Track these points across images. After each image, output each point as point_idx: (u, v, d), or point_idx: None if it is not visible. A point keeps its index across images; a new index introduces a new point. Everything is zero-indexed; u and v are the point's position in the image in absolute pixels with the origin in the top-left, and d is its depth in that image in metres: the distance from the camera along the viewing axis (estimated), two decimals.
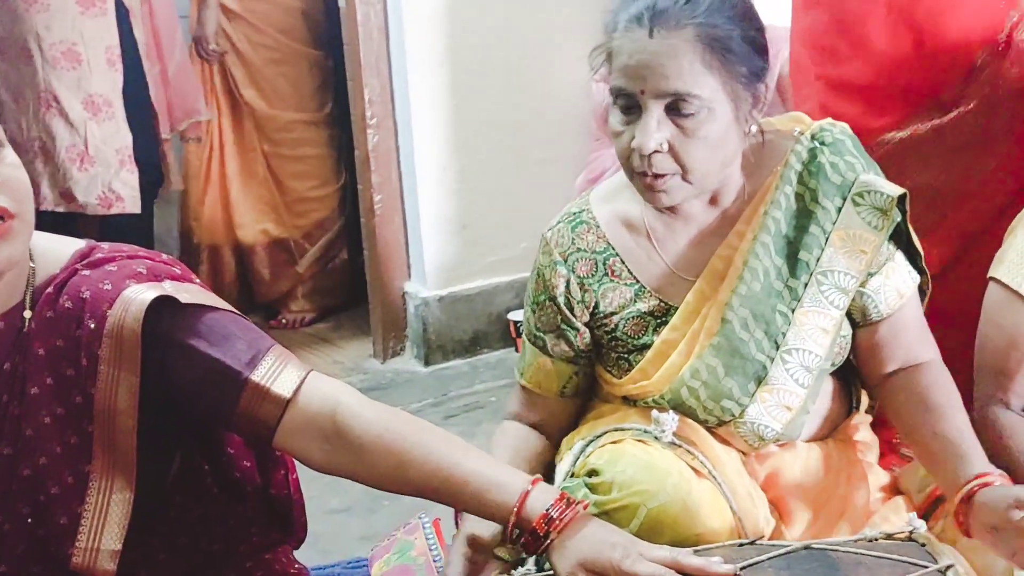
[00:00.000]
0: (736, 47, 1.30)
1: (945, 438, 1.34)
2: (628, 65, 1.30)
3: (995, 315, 1.50)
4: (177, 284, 1.21)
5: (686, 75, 1.28)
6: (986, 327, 1.51)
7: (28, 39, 3.02)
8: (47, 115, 3.04)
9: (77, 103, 3.04)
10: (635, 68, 1.30)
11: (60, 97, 3.03)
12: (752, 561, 1.10)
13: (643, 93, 1.30)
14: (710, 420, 1.41)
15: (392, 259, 3.15)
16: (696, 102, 1.29)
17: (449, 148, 3.06)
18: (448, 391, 2.96)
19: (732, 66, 1.30)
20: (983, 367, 1.52)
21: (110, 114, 3.09)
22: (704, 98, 1.29)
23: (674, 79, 1.28)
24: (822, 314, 1.40)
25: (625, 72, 1.31)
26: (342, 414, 1.19)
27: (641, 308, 1.43)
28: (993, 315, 1.50)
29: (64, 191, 3.07)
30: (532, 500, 1.15)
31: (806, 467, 1.43)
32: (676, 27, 1.28)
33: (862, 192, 1.40)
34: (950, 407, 1.38)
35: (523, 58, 3.09)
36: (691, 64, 1.28)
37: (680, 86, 1.28)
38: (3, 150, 1.13)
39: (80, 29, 3.03)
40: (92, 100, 3.07)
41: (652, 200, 1.37)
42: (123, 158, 3.12)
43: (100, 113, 3.09)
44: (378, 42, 2.98)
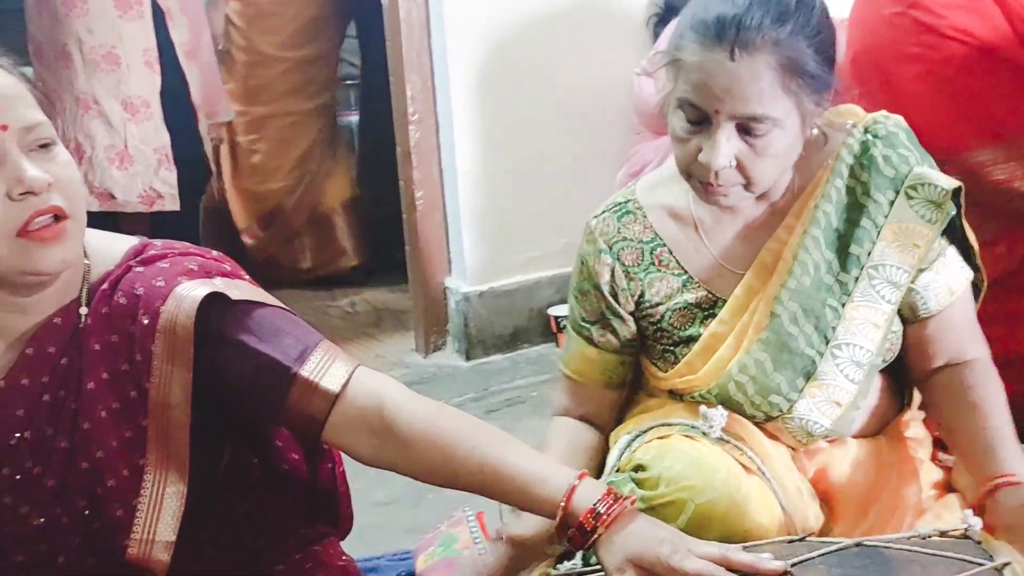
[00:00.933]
0: (813, 68, 1.28)
1: (980, 436, 1.34)
2: (704, 83, 1.27)
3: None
4: (228, 281, 1.22)
5: (765, 99, 1.26)
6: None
7: (68, 43, 3.08)
8: (86, 117, 3.10)
9: (117, 105, 3.10)
10: (712, 89, 1.26)
11: (100, 99, 3.09)
12: (803, 558, 1.09)
13: (717, 113, 1.27)
14: (758, 415, 1.40)
15: (433, 254, 3.15)
16: (769, 122, 1.27)
17: (490, 143, 3.05)
18: (489, 386, 2.95)
19: (808, 86, 1.29)
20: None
21: (148, 115, 3.15)
22: (779, 119, 1.27)
23: (753, 103, 1.26)
24: (873, 308, 1.39)
25: (700, 89, 1.28)
26: (389, 408, 1.19)
27: (688, 299, 1.43)
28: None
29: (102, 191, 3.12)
30: (579, 494, 1.14)
31: (856, 463, 1.42)
32: (759, 50, 1.25)
33: (916, 185, 1.38)
34: (990, 405, 1.37)
35: (564, 52, 3.08)
36: (771, 88, 1.26)
37: (758, 109, 1.26)
38: (55, 148, 1.14)
39: (119, 32, 3.08)
40: (131, 101, 3.13)
41: (710, 201, 1.37)
42: (161, 157, 3.17)
43: (138, 114, 3.15)
44: (419, 38, 2.97)
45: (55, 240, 1.11)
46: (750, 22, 1.25)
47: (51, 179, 1.10)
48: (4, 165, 1.09)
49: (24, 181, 1.09)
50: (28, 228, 1.10)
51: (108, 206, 3.13)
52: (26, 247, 1.10)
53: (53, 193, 1.11)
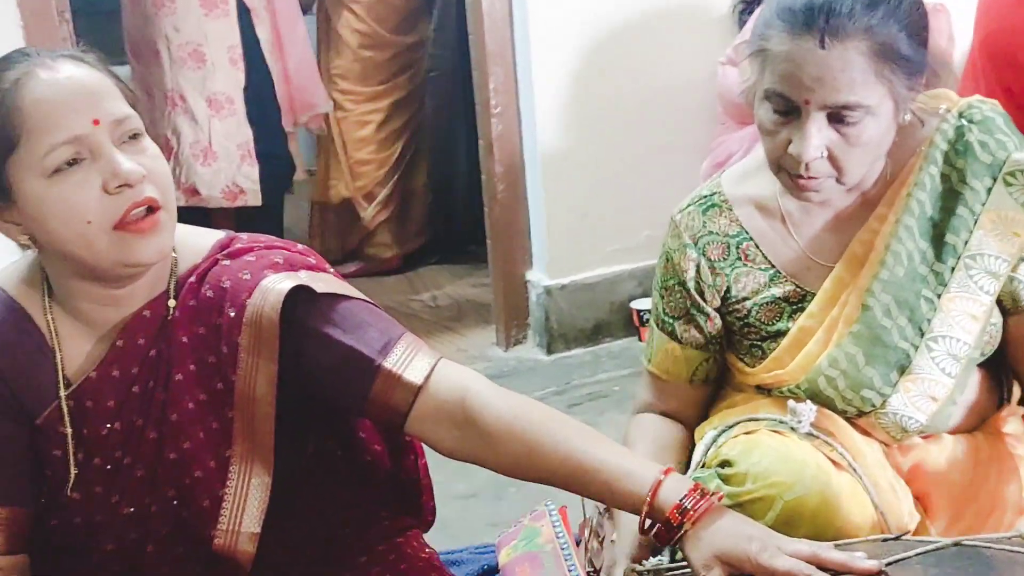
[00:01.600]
0: (906, 51, 1.24)
1: None
2: (793, 73, 1.24)
3: None
4: (312, 274, 1.23)
5: (858, 87, 1.22)
6: None
7: (158, 41, 3.17)
8: (173, 113, 3.18)
9: (202, 101, 3.18)
10: (802, 78, 1.23)
11: (186, 96, 3.17)
12: (898, 557, 1.06)
13: (807, 103, 1.24)
14: (849, 411, 1.37)
15: (514, 247, 3.15)
16: (862, 111, 1.24)
17: (571, 135, 3.04)
18: (571, 380, 2.94)
19: (901, 71, 1.25)
20: None
21: (232, 111, 3.22)
22: (871, 107, 1.24)
23: (845, 92, 1.22)
24: (971, 300, 1.34)
25: (789, 80, 1.24)
26: (472, 401, 1.19)
27: (775, 293, 1.40)
28: None
29: (188, 186, 3.20)
30: (665, 490, 1.13)
31: (953, 460, 1.37)
32: (850, 37, 1.21)
33: (1015, 171, 1.34)
34: None
35: (645, 43, 3.04)
36: (864, 76, 1.22)
37: (851, 98, 1.23)
38: (144, 140, 1.16)
39: (204, 30, 3.16)
40: (215, 98, 3.20)
41: (800, 197, 1.34)
42: (244, 153, 3.24)
43: (223, 110, 3.22)
44: (502, 30, 2.96)
45: (151, 231, 1.13)
46: (840, 8, 1.22)
47: (145, 171, 1.13)
48: (99, 159, 1.11)
49: (120, 174, 1.11)
50: (125, 221, 1.12)
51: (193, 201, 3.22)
52: (124, 239, 1.12)
53: (146, 185, 1.13)
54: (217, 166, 3.20)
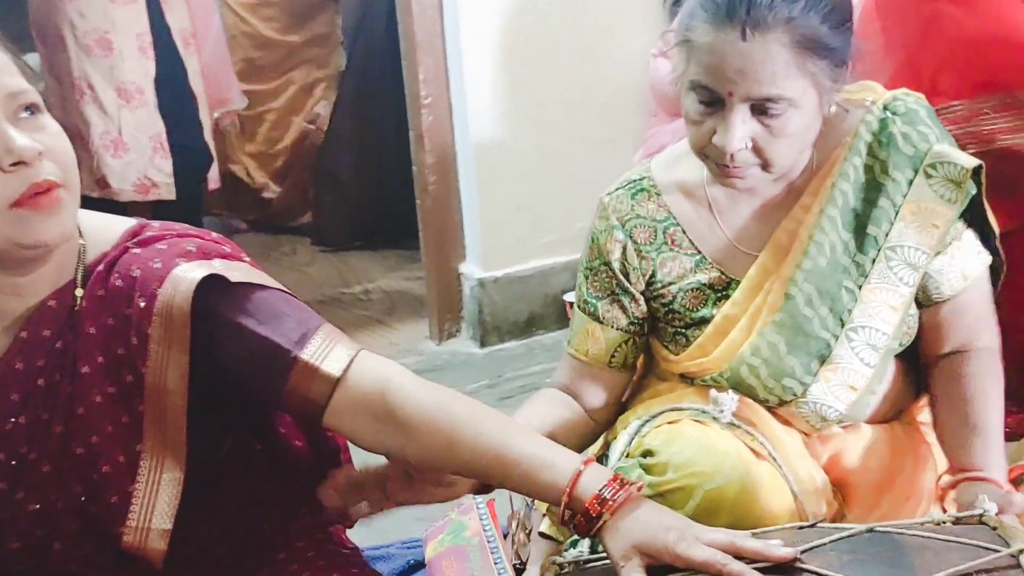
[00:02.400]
0: (828, 42, 1.25)
1: (962, 427, 1.33)
2: (716, 65, 1.24)
3: None
4: (227, 262, 1.20)
5: (780, 79, 1.22)
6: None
7: (63, 27, 3.06)
8: (82, 102, 3.08)
9: (111, 90, 3.08)
10: (725, 70, 1.23)
11: (94, 85, 3.08)
12: (813, 544, 1.06)
13: (731, 95, 1.24)
14: (771, 400, 1.38)
15: (447, 240, 3.14)
16: (784, 103, 1.24)
17: (504, 127, 3.03)
18: (504, 373, 2.94)
19: (824, 63, 1.25)
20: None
21: (142, 101, 3.12)
22: (794, 99, 1.24)
23: (767, 84, 1.22)
24: (891, 291, 1.36)
25: (712, 72, 1.24)
26: (393, 393, 1.17)
27: (701, 279, 1.40)
28: None
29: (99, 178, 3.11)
30: (584, 480, 1.12)
31: (870, 449, 1.40)
32: (771, 29, 1.21)
33: (935, 163, 1.35)
34: (981, 398, 1.35)
35: (579, 34, 3.04)
36: (786, 68, 1.22)
37: (772, 91, 1.23)
38: (43, 117, 1.11)
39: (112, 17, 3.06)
40: (124, 88, 3.10)
41: (726, 184, 1.34)
42: (156, 145, 3.15)
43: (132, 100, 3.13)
44: (432, 20, 2.95)
45: (50, 208, 1.08)
46: (761, 0, 1.21)
47: (41, 147, 1.08)
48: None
49: (13, 151, 1.06)
50: (21, 199, 1.07)
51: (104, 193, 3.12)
52: (20, 217, 1.07)
53: (45, 163, 1.08)
54: (128, 158, 3.11)
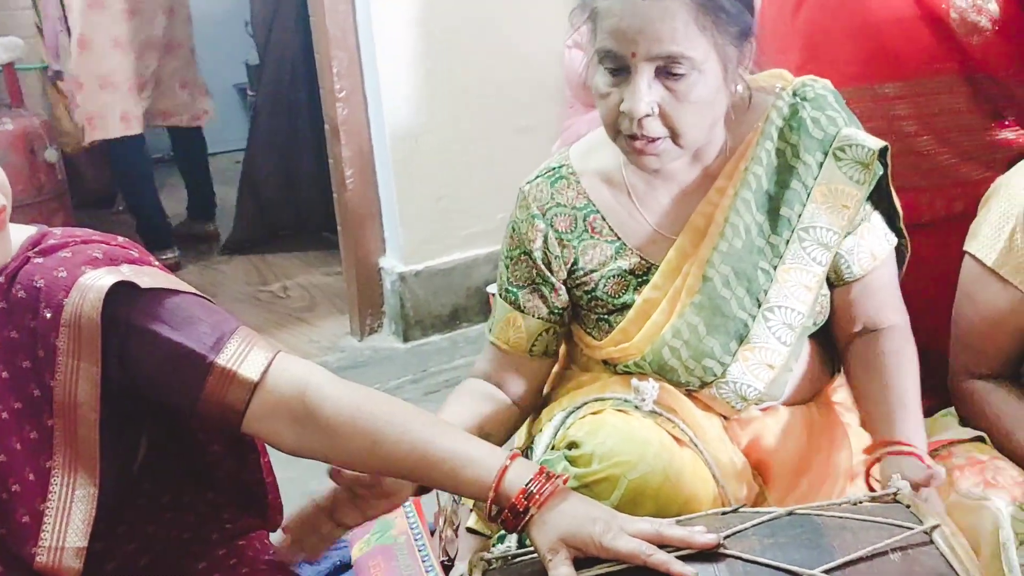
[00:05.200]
0: (728, 5, 1.27)
1: (883, 404, 1.35)
2: (618, 27, 1.26)
3: (969, 290, 1.49)
4: (135, 268, 1.17)
5: (680, 37, 1.24)
6: (961, 301, 1.51)
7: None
8: None
9: None
10: (626, 30, 1.25)
11: None
12: (736, 529, 1.08)
13: (634, 56, 1.25)
14: (692, 382, 1.39)
15: (366, 235, 3.10)
16: (688, 63, 1.25)
17: (422, 118, 3.00)
18: (427, 367, 2.92)
19: (724, 26, 1.27)
20: (958, 340, 1.51)
21: None
22: (696, 60, 1.26)
23: (668, 41, 1.24)
24: (804, 271, 1.39)
25: (615, 34, 1.26)
26: (312, 395, 1.16)
27: (622, 266, 1.41)
28: (968, 289, 1.49)
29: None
30: (510, 475, 1.12)
31: (788, 431, 1.42)
32: None
33: (843, 146, 1.38)
34: (898, 373, 1.38)
35: (495, 24, 3.03)
36: (685, 25, 1.24)
37: (674, 48, 1.24)
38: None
39: None
40: None
41: (640, 163, 1.35)
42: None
43: None
44: (344, 13, 2.91)
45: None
46: None
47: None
48: None
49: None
50: None
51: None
52: None
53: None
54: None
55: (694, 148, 1.36)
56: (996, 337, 1.47)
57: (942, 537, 1.05)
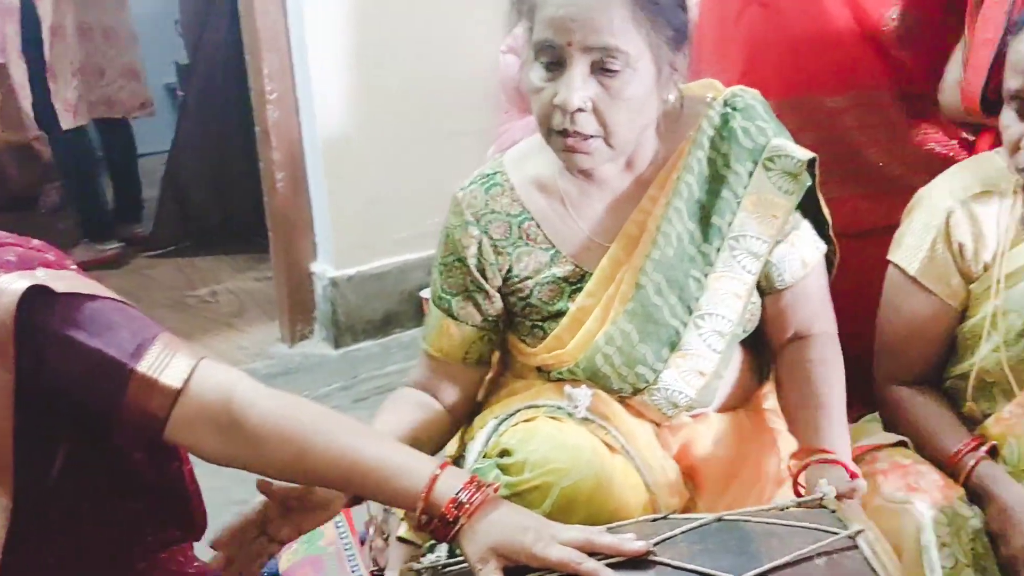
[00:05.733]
0: (665, 3, 1.29)
1: (808, 410, 1.37)
2: (555, 17, 1.26)
3: (893, 298, 1.52)
4: (51, 272, 1.13)
5: (616, 29, 1.25)
6: (885, 309, 1.53)
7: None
8: None
9: None
10: (563, 20, 1.26)
11: None
12: (665, 536, 1.09)
13: (570, 46, 1.26)
14: (625, 388, 1.40)
15: (297, 239, 3.08)
16: (622, 59, 1.26)
17: (354, 121, 2.98)
18: (359, 374, 2.90)
19: (660, 26, 1.28)
20: (882, 348, 1.54)
21: None
22: (631, 56, 1.27)
23: (604, 32, 1.25)
24: (735, 279, 1.40)
25: (552, 24, 1.27)
26: (237, 403, 1.14)
27: (556, 273, 1.41)
28: (891, 298, 1.52)
29: None
30: (441, 485, 1.11)
31: (718, 437, 1.43)
32: None
33: (773, 157, 1.40)
34: (825, 383, 1.40)
35: (429, 28, 3.02)
36: (622, 19, 1.25)
37: (610, 40, 1.25)
38: None
39: None
40: None
41: (571, 162, 1.35)
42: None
43: None
44: (275, 14, 2.88)
45: None
46: None
47: None
48: None
49: None
50: None
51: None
52: None
53: None
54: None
55: (625, 150, 1.36)
56: (918, 344, 1.50)
57: (866, 541, 1.06)
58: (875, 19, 1.71)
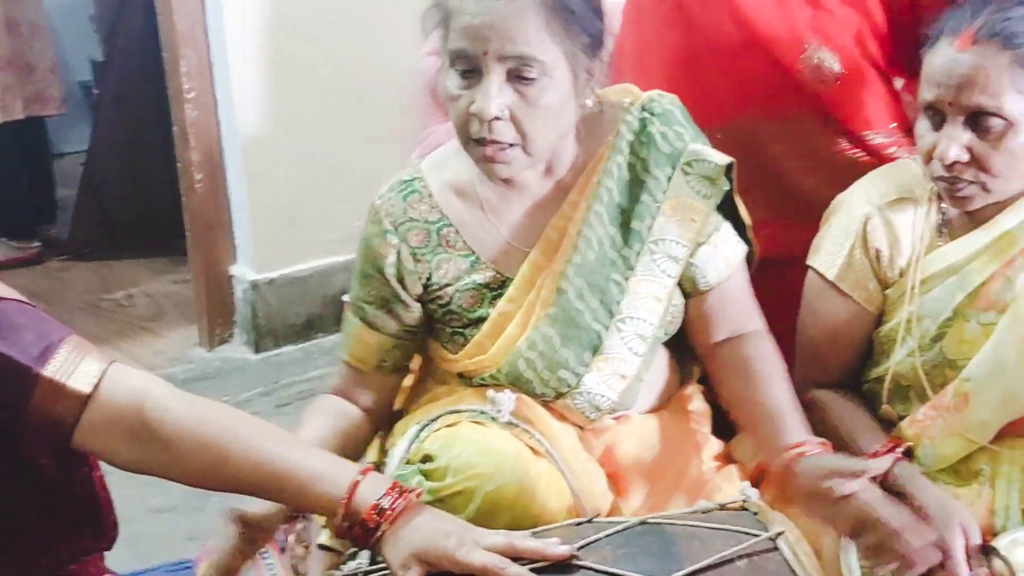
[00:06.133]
0: (580, 11, 1.29)
1: (766, 408, 1.38)
2: (471, 25, 1.26)
3: (812, 303, 1.54)
4: None
5: (531, 38, 1.25)
6: (805, 313, 1.56)
7: None
8: None
9: None
10: (478, 29, 1.25)
11: None
12: (589, 540, 1.09)
13: (486, 55, 1.26)
14: (547, 393, 1.40)
15: (216, 241, 3.01)
16: (538, 67, 1.26)
17: (276, 122, 2.93)
18: (280, 379, 2.86)
19: (575, 33, 1.29)
20: (803, 352, 1.56)
21: None
22: (546, 64, 1.27)
23: (519, 42, 1.25)
24: (655, 283, 1.41)
25: (467, 33, 1.27)
26: (151, 408, 1.11)
27: (477, 280, 1.41)
28: (810, 302, 1.55)
29: None
30: (362, 490, 1.10)
31: (642, 439, 1.44)
32: None
33: (691, 161, 1.41)
34: (772, 377, 1.41)
35: (353, 28, 2.98)
36: (537, 28, 1.26)
37: (526, 50, 1.25)
38: None
39: None
40: None
41: (490, 171, 1.34)
42: None
43: None
44: (194, 9, 2.82)
45: None
46: None
47: None
48: None
49: None
50: None
51: None
52: None
53: None
54: None
55: (543, 157, 1.37)
56: (836, 348, 1.53)
57: (786, 543, 1.08)
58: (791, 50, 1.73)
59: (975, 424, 1.41)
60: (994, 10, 1.34)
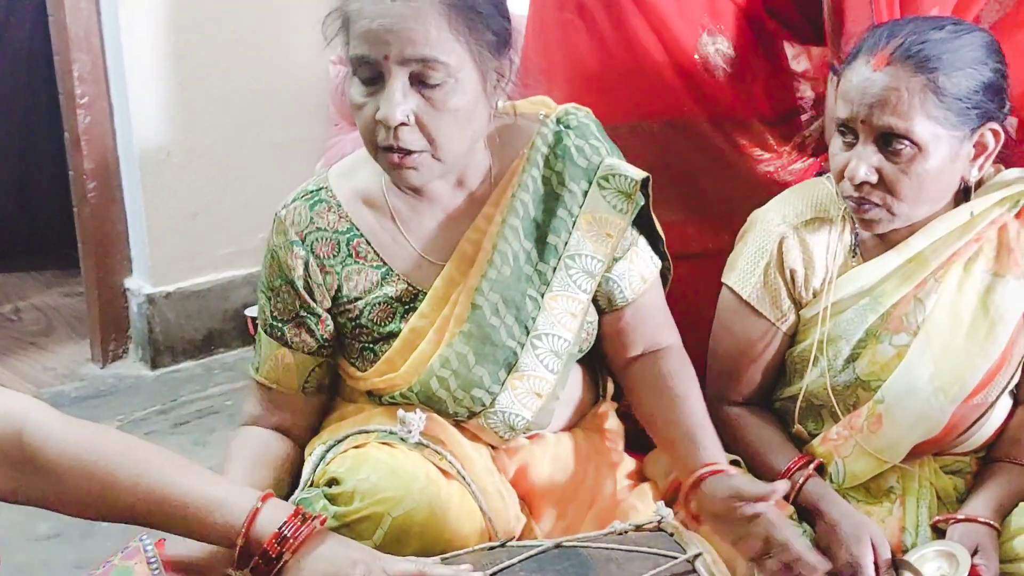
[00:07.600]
0: (483, 8, 1.26)
1: (681, 425, 1.37)
2: (370, 29, 1.22)
3: (726, 320, 1.55)
4: None
5: (433, 40, 1.22)
6: (718, 331, 1.56)
7: None
8: None
9: None
10: (377, 32, 1.21)
11: None
12: (502, 566, 1.07)
13: (387, 59, 1.22)
14: (460, 412, 1.36)
15: (110, 253, 2.91)
16: (443, 70, 1.23)
17: (174, 129, 2.85)
18: (178, 396, 2.77)
19: (479, 32, 1.25)
20: (714, 368, 1.57)
21: None
22: (451, 66, 1.23)
23: (420, 44, 1.21)
24: (570, 299, 1.39)
25: (366, 37, 1.22)
26: (31, 434, 1.05)
27: (388, 293, 1.37)
28: (724, 320, 1.55)
29: None
30: (263, 519, 1.06)
31: (555, 459, 1.42)
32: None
33: (607, 175, 1.40)
34: (687, 394, 1.40)
35: (255, 33, 2.92)
36: (438, 29, 1.22)
37: (427, 52, 1.22)
38: None
39: None
40: None
41: (400, 179, 1.31)
42: None
43: None
44: (88, 13, 2.73)
45: None
46: None
47: None
48: None
49: None
50: None
51: None
52: None
53: None
54: None
55: (455, 164, 1.33)
56: (749, 366, 1.53)
57: (703, 565, 1.07)
58: (684, 47, 1.75)
59: (887, 445, 1.43)
60: (912, 32, 1.36)
